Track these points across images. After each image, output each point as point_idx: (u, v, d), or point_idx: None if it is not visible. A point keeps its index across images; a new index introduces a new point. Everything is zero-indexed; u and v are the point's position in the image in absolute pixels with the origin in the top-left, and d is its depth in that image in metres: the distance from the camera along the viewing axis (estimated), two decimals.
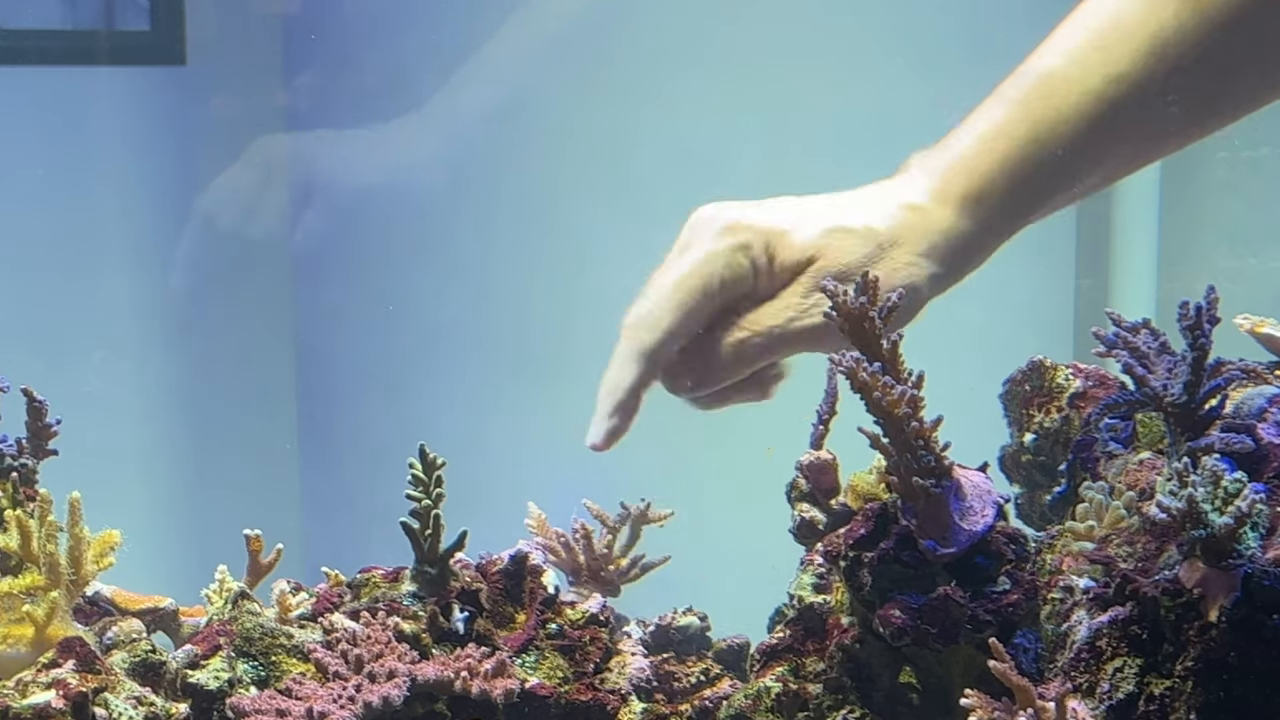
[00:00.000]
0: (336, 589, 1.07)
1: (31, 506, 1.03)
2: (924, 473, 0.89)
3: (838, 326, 0.90)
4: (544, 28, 2.34)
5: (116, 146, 2.43)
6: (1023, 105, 0.96)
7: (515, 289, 2.42)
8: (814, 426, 1.04)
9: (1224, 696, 0.79)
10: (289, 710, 0.92)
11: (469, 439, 2.25)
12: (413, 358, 2.51)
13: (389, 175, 2.46)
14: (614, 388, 0.94)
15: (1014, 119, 0.96)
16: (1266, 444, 0.91)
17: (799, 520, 1.03)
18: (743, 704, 0.98)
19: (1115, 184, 1.04)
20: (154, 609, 1.10)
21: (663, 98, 2.25)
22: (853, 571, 0.92)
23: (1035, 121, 0.95)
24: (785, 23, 2.17)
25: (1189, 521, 0.80)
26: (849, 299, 0.88)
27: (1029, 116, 0.95)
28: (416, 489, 1.02)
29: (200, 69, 2.42)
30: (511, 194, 2.40)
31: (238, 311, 2.54)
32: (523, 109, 2.35)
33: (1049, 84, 0.96)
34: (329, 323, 2.59)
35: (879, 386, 0.87)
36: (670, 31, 2.28)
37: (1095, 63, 0.95)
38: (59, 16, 2.42)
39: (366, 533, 2.09)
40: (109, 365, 2.44)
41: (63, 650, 0.95)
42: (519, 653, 1.01)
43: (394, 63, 2.42)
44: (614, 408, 0.94)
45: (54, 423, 1.12)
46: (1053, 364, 1.11)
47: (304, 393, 2.62)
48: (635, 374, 0.94)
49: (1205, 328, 0.90)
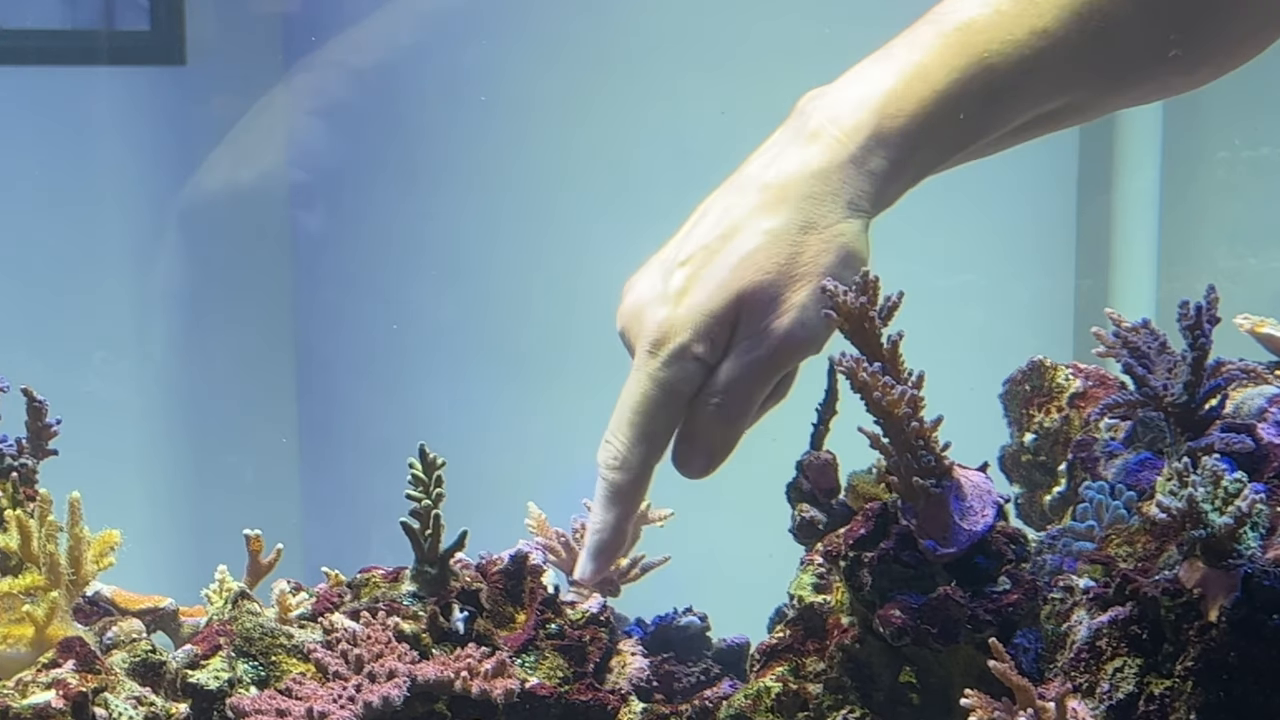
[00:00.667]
0: (336, 589, 1.07)
1: (31, 506, 1.03)
2: (924, 473, 0.89)
3: (835, 327, 0.90)
4: (543, 29, 2.35)
5: (116, 146, 2.43)
6: (940, 51, 0.94)
7: (515, 289, 2.42)
8: (814, 426, 1.04)
9: (1224, 696, 0.79)
10: (289, 710, 0.92)
11: (469, 439, 2.25)
12: (413, 358, 2.51)
13: (389, 175, 2.46)
14: (597, 529, 0.97)
15: (933, 63, 0.94)
16: (1266, 444, 0.91)
17: (799, 520, 1.03)
18: (743, 704, 0.98)
19: (1042, 135, 1.01)
20: (154, 609, 1.10)
21: (662, 97, 2.26)
22: (853, 571, 0.92)
23: (953, 68, 0.93)
24: (785, 23, 2.17)
25: (1189, 521, 0.80)
26: (848, 298, 0.88)
27: (946, 63, 0.94)
28: (416, 489, 1.02)
29: (200, 69, 2.42)
30: (512, 194, 2.40)
31: (238, 311, 2.55)
32: (522, 108, 2.35)
33: (968, 33, 0.94)
34: (329, 323, 2.59)
35: (879, 386, 0.87)
36: (670, 31, 2.29)
37: (1020, 14, 0.94)
38: (59, 16, 2.42)
39: (366, 533, 2.09)
40: (109, 365, 2.44)
41: (63, 650, 0.95)
42: (519, 653, 1.01)
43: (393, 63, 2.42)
44: (597, 549, 0.96)
45: (54, 423, 1.12)
46: (1053, 364, 1.11)
47: (304, 393, 2.62)
48: (615, 515, 0.96)
49: (1205, 328, 0.90)
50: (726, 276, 0.92)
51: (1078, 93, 0.97)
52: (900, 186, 0.95)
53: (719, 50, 2.25)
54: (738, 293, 0.92)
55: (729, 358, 0.93)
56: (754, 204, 0.94)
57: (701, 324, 0.92)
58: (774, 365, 0.93)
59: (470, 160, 2.41)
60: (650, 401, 0.94)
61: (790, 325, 0.92)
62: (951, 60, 0.94)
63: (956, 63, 0.94)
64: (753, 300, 0.92)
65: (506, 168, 2.39)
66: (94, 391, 2.40)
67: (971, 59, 0.93)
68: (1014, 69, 0.93)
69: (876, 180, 0.93)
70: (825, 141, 0.94)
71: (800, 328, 0.92)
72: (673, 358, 0.93)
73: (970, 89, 0.93)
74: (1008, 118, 0.96)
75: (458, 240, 2.46)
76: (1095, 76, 0.96)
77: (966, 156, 0.98)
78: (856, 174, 0.93)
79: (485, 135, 2.39)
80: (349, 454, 2.56)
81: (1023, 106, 0.95)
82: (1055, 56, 0.94)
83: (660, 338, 0.93)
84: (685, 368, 0.93)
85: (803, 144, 0.95)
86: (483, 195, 2.42)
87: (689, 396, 0.94)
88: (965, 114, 0.94)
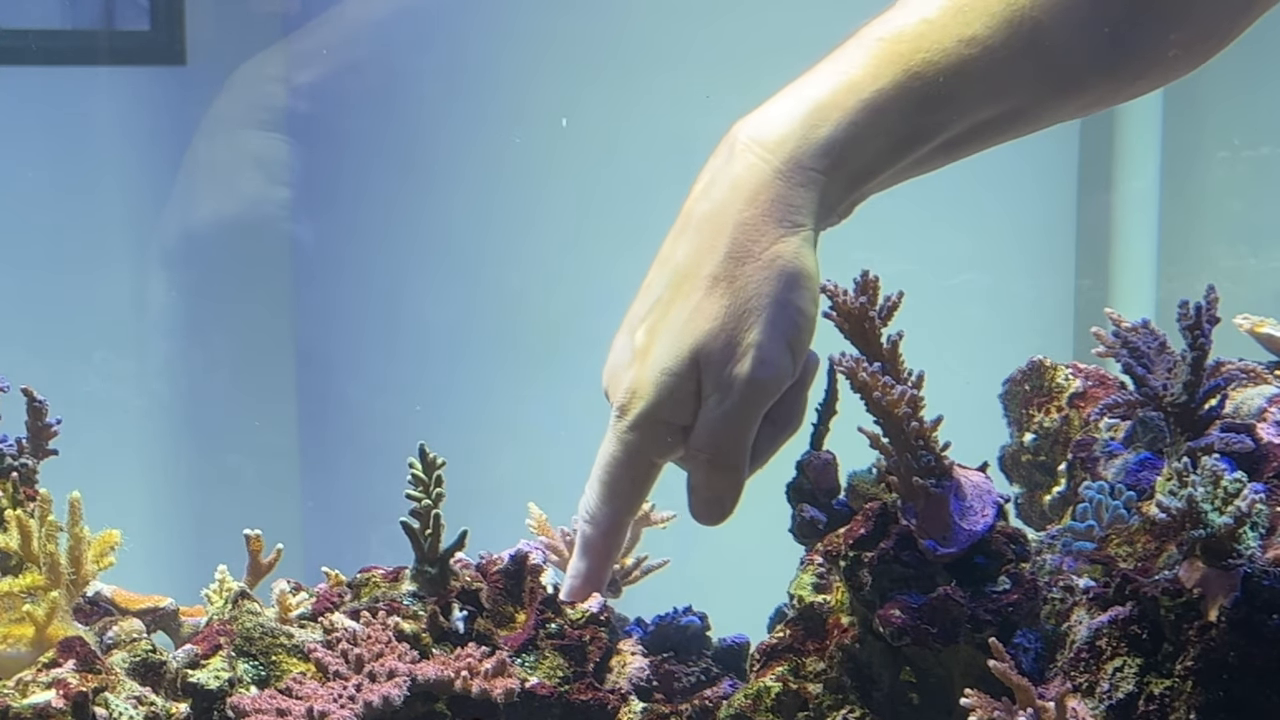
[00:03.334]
0: (336, 589, 1.07)
1: (31, 506, 1.03)
2: (924, 472, 0.89)
3: (838, 328, 0.90)
4: (541, 26, 2.35)
5: (117, 147, 2.43)
6: (867, 63, 0.93)
7: (515, 289, 2.42)
8: (814, 426, 1.04)
9: (1224, 696, 0.79)
10: (289, 710, 0.92)
11: (469, 439, 2.25)
12: (413, 358, 2.51)
13: (389, 175, 2.46)
14: (573, 574, 1.03)
15: (860, 75, 0.93)
16: (1266, 444, 0.91)
17: (799, 520, 1.03)
18: (743, 704, 0.98)
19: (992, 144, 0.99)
20: (154, 609, 1.10)
21: (660, 95, 2.25)
22: (853, 571, 0.92)
23: (880, 77, 0.92)
24: (786, 23, 2.17)
25: (1189, 521, 0.80)
26: (848, 298, 0.88)
27: (873, 74, 0.93)
28: (416, 489, 1.02)
29: (200, 69, 2.42)
30: (512, 193, 2.40)
31: (238, 311, 2.54)
32: (521, 108, 2.35)
33: (895, 43, 0.93)
34: (329, 323, 2.59)
35: (879, 386, 0.87)
36: (669, 30, 2.29)
37: (948, 24, 0.93)
38: (59, 16, 2.42)
39: (366, 533, 2.09)
40: (109, 365, 2.44)
41: (63, 650, 0.95)
42: (519, 652, 1.01)
43: (393, 63, 2.42)
44: (570, 593, 1.03)
45: (54, 423, 1.12)
46: (1053, 364, 1.11)
47: (304, 393, 2.62)
48: (587, 565, 1.01)
49: (1205, 328, 0.90)
50: (679, 332, 0.92)
51: (1016, 100, 0.95)
52: (838, 198, 0.94)
53: (718, 49, 2.25)
54: (691, 349, 0.92)
55: (703, 411, 0.93)
56: (694, 247, 0.93)
57: (664, 384, 0.93)
58: (747, 411, 0.93)
59: (470, 157, 2.41)
60: (616, 463, 0.96)
61: (752, 368, 0.91)
62: (878, 70, 0.93)
63: (884, 72, 0.93)
64: (708, 352, 0.92)
65: (506, 167, 2.39)
66: (94, 391, 2.40)
67: (899, 68, 0.92)
68: (943, 77, 0.92)
69: (810, 192, 0.92)
70: (749, 161, 0.93)
71: (762, 367, 0.91)
72: (638, 422, 0.94)
73: (899, 97, 0.92)
74: (943, 125, 0.94)
75: (458, 240, 2.46)
76: (1032, 84, 0.95)
77: (912, 169, 0.97)
78: (787, 189, 0.92)
79: (485, 133, 2.39)
80: (349, 454, 2.56)
81: (957, 114, 0.94)
82: (987, 64, 0.93)
83: (626, 402, 0.95)
84: (651, 431, 0.94)
85: (729, 168, 0.94)
86: (483, 194, 2.42)
87: (657, 457, 0.96)
88: (897, 123, 0.93)
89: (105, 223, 2.45)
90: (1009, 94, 0.95)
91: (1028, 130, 0.99)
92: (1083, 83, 0.97)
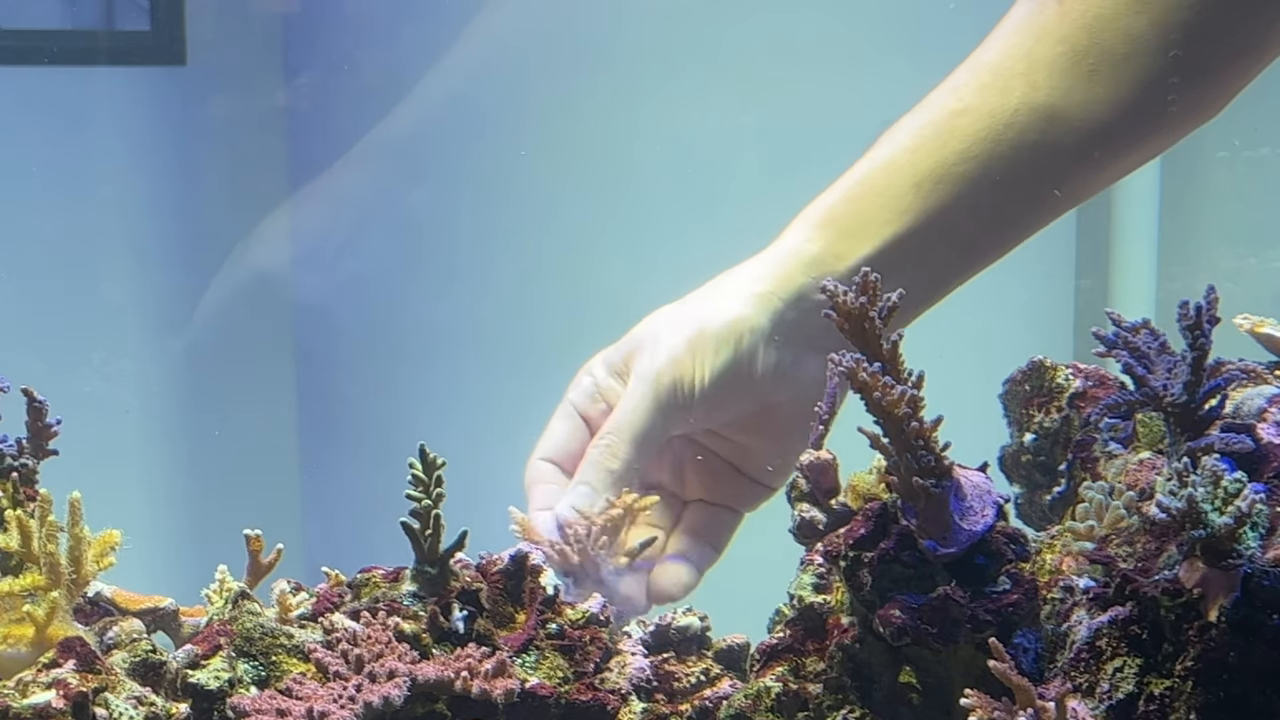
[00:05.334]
0: (336, 589, 1.07)
1: (32, 506, 1.03)
2: (924, 473, 0.89)
3: (836, 327, 0.90)
4: (543, 26, 2.34)
5: (116, 147, 2.43)
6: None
7: (515, 289, 2.42)
8: (814, 426, 1.04)
9: (1224, 696, 0.79)
10: (289, 710, 0.92)
11: (469, 439, 2.24)
12: (413, 358, 2.51)
13: (389, 175, 2.46)
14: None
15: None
16: (1266, 444, 0.91)
17: (799, 520, 1.03)
18: (743, 704, 0.98)
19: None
20: (154, 609, 1.10)
21: (662, 97, 2.25)
22: (853, 571, 0.92)
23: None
24: (785, 23, 2.17)
25: (1189, 521, 0.80)
26: (848, 298, 0.88)
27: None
28: (416, 489, 1.02)
29: (200, 69, 2.42)
30: (512, 194, 2.40)
31: (238, 311, 2.54)
32: (522, 108, 2.35)
33: (895, 163, 1.17)
34: (329, 323, 2.59)
35: (879, 386, 0.87)
36: (670, 31, 2.28)
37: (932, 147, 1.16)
38: (59, 16, 2.42)
39: (366, 533, 2.09)
40: (109, 366, 2.44)
41: (63, 650, 0.95)
42: (519, 652, 1.01)
43: (393, 63, 2.42)
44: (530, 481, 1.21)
45: (54, 423, 1.12)
46: (1053, 364, 1.11)
47: (304, 393, 2.62)
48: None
49: (1205, 328, 0.90)
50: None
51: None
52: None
53: (719, 50, 2.25)
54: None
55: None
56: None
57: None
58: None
59: (470, 157, 2.41)
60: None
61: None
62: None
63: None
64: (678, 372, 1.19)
65: (506, 167, 2.39)
66: (94, 392, 2.40)
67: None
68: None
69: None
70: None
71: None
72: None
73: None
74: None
75: (458, 239, 2.46)
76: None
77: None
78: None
79: (486, 133, 2.39)
80: (349, 454, 2.56)
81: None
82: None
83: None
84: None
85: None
86: (483, 194, 2.42)
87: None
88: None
89: (105, 223, 2.45)
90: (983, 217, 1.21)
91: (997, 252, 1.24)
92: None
